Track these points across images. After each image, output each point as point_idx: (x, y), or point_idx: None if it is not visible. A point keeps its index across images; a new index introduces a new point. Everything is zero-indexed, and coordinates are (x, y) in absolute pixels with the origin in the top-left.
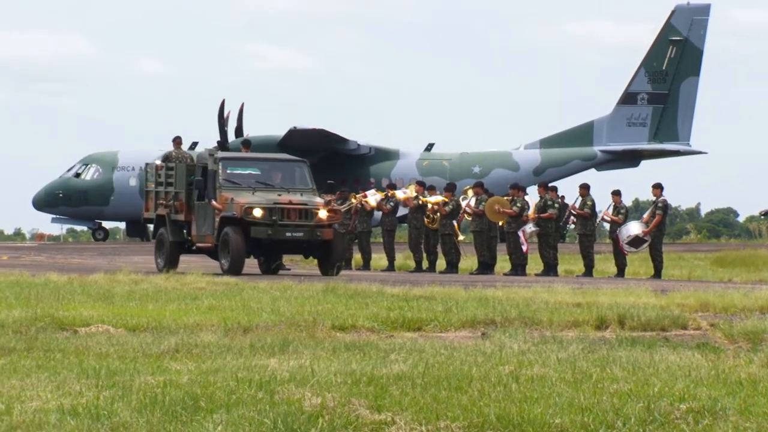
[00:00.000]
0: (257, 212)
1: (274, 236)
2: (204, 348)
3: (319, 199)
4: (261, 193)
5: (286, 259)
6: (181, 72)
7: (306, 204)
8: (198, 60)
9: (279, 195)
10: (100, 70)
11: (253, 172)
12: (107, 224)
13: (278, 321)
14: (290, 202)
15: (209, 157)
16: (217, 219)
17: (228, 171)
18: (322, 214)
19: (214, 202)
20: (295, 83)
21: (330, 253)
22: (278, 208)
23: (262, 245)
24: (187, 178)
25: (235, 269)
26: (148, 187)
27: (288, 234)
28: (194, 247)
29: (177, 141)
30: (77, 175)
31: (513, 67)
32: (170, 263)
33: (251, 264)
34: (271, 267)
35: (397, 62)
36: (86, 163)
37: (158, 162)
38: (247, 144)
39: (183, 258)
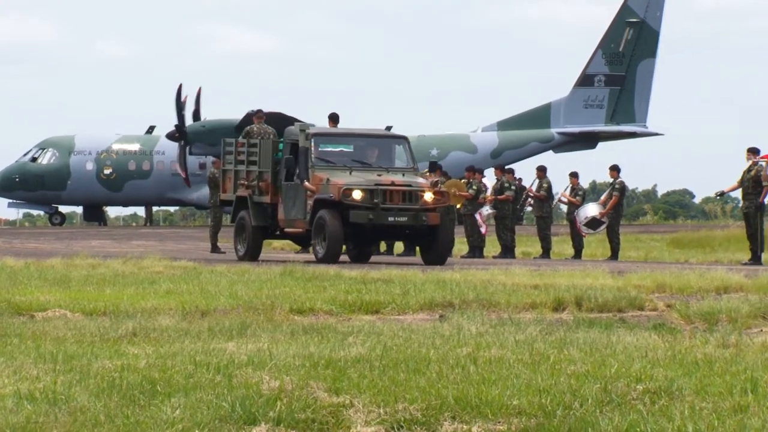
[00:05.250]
0: (357, 194)
1: (375, 221)
2: (162, 332)
3: (423, 180)
4: (358, 173)
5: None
6: (139, 55)
7: (410, 185)
8: (156, 42)
9: (379, 175)
10: (57, 53)
11: (345, 150)
12: (64, 209)
13: (236, 305)
14: (393, 183)
15: (300, 133)
16: (310, 202)
17: (320, 148)
18: (428, 196)
19: (306, 183)
20: (254, 66)
21: (436, 239)
22: (380, 189)
23: (361, 231)
24: (272, 155)
25: (331, 257)
26: (225, 166)
27: (390, 219)
28: (278, 232)
29: (259, 115)
30: (34, 159)
31: (470, 49)
32: (253, 249)
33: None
34: (364, 254)
35: (354, 45)
36: (43, 147)
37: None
38: (336, 118)
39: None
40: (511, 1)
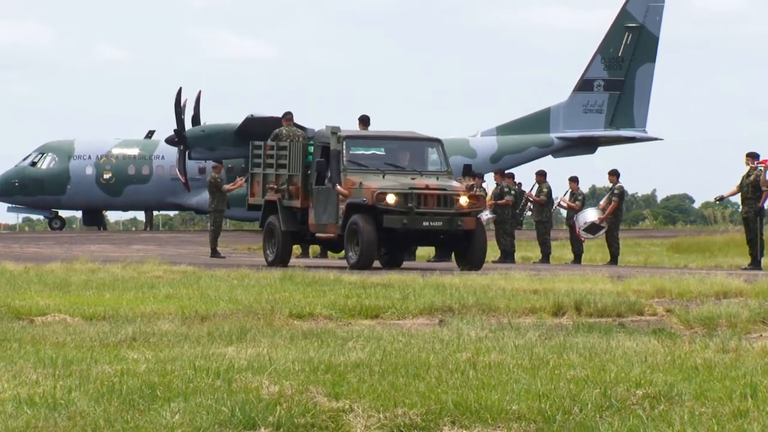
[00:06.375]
0: (390, 198)
1: (409, 226)
2: (161, 337)
3: (457, 184)
4: (392, 176)
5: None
6: (138, 58)
7: (445, 189)
8: (156, 46)
9: (413, 179)
10: (57, 57)
11: (377, 152)
12: (64, 213)
13: (236, 309)
14: (427, 187)
15: (332, 136)
16: (342, 206)
17: (352, 151)
18: (463, 200)
19: (338, 187)
20: (253, 70)
21: (471, 245)
22: (414, 193)
23: (395, 236)
24: (302, 159)
25: (365, 263)
26: (253, 170)
27: (425, 223)
28: (309, 237)
29: (288, 117)
30: (33, 164)
31: (469, 53)
32: (283, 255)
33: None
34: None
35: (354, 50)
36: (42, 151)
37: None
38: (366, 121)
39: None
40: (510, 5)
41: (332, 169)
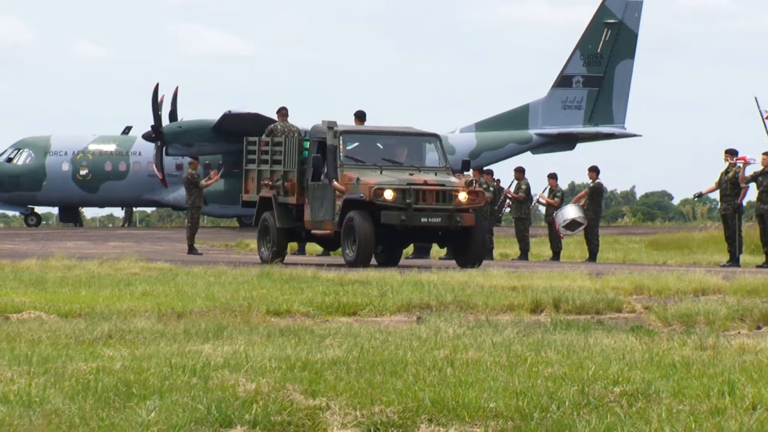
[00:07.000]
0: (388, 194)
1: (407, 222)
2: (137, 334)
3: (456, 179)
4: (389, 172)
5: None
6: (115, 55)
7: (443, 185)
8: (133, 43)
9: (411, 174)
10: (34, 54)
11: (375, 147)
12: (40, 209)
13: (212, 306)
14: (425, 183)
15: (328, 131)
16: (339, 202)
17: (348, 146)
18: (462, 196)
19: (335, 183)
20: (231, 67)
21: (470, 241)
22: (412, 189)
23: (393, 233)
24: (298, 154)
25: (362, 260)
26: (247, 166)
27: (424, 219)
28: (304, 234)
29: (282, 112)
30: (9, 160)
31: (449, 50)
32: (278, 253)
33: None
34: (395, 257)
35: (332, 46)
36: (18, 147)
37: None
38: (362, 116)
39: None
40: (490, 1)
41: (329, 165)
